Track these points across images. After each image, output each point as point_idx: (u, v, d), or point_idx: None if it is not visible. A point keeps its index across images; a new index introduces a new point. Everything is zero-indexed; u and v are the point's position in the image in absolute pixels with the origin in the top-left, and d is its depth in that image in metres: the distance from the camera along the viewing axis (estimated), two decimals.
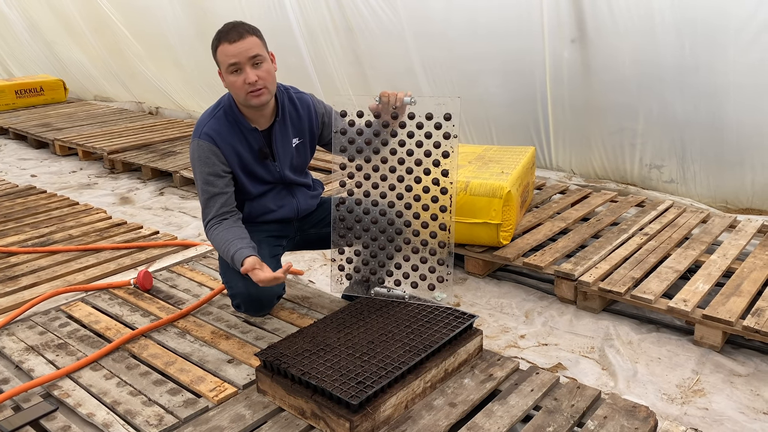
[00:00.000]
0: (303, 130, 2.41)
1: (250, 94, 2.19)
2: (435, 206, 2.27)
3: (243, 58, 2.14)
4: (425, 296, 2.36)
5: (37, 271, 3.05)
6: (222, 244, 2.23)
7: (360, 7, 4.99)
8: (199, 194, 2.33)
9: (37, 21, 8.33)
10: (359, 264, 2.38)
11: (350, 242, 2.31)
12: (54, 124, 6.68)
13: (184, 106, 7.27)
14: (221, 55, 2.17)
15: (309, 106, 2.42)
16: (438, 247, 2.29)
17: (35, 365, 2.25)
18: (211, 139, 2.27)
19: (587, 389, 2.02)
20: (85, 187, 4.96)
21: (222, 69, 2.21)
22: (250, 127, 2.32)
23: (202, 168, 2.28)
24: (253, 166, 2.34)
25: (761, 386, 2.26)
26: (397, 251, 2.34)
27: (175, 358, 2.26)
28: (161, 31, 6.75)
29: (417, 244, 2.31)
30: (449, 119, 2.14)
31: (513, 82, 4.48)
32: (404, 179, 2.24)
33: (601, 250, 3.09)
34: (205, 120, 2.31)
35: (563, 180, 4.42)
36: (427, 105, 2.17)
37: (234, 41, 2.13)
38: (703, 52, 3.63)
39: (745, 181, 3.79)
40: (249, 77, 2.15)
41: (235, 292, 2.37)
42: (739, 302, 2.54)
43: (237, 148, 2.30)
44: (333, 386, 1.83)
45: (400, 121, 2.22)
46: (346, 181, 2.26)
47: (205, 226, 2.32)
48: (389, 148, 2.23)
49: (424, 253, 2.31)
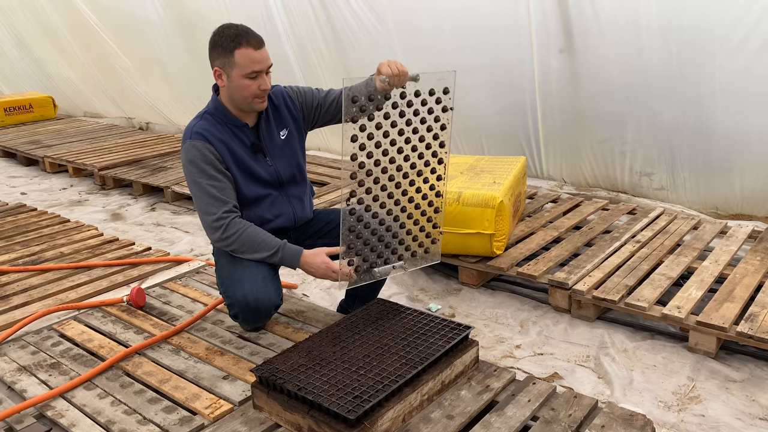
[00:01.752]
0: (285, 119, 2.43)
1: (258, 99, 2.25)
2: (433, 176, 2.33)
3: (265, 66, 2.21)
4: (421, 263, 2.40)
5: (28, 290, 3.03)
6: (255, 238, 2.24)
7: (349, 21, 5.02)
8: (202, 195, 2.25)
9: (25, 38, 8.31)
10: (367, 252, 2.30)
11: (360, 234, 2.26)
12: (43, 141, 6.66)
13: (174, 121, 7.27)
14: (244, 59, 2.16)
15: (282, 95, 2.44)
16: (433, 213, 2.37)
17: (28, 385, 2.23)
18: (202, 137, 2.26)
19: (584, 398, 2.02)
20: (76, 204, 4.93)
21: (237, 71, 2.18)
22: (241, 123, 2.32)
23: (203, 166, 2.24)
24: (248, 161, 2.33)
25: (756, 392, 2.27)
26: (401, 228, 2.33)
27: (170, 375, 2.25)
28: (151, 47, 6.75)
29: (417, 214, 2.34)
30: (447, 93, 2.27)
31: (503, 92, 4.51)
32: (409, 157, 2.26)
33: (594, 258, 3.11)
34: (194, 123, 2.32)
35: (554, 189, 4.44)
36: (428, 80, 2.24)
37: (258, 48, 2.18)
38: (690, 61, 3.67)
39: (734, 186, 3.82)
40: (265, 84, 2.22)
41: (234, 302, 2.32)
42: (732, 308, 2.55)
43: (229, 144, 2.30)
44: (330, 401, 1.82)
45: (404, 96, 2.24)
46: (356, 190, 2.22)
47: (222, 221, 2.24)
48: (396, 128, 2.20)
49: (421, 222, 2.36)
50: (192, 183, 2.29)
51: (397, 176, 2.24)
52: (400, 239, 2.33)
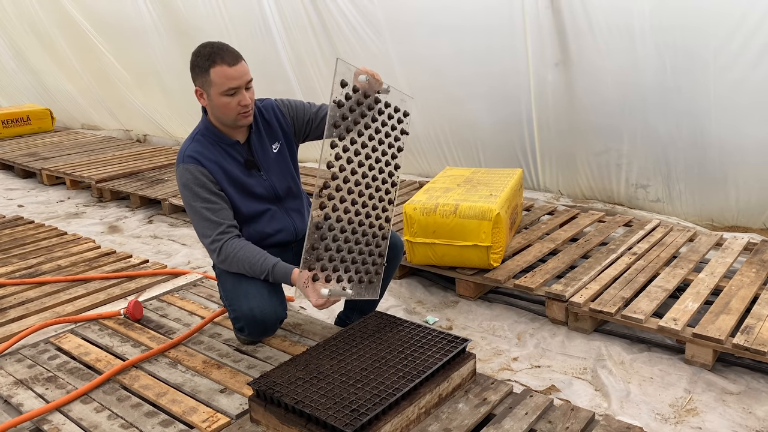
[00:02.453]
0: (276, 133, 2.43)
1: (241, 115, 2.24)
2: (386, 197, 2.33)
3: (242, 82, 2.19)
4: (363, 294, 2.29)
5: (25, 303, 3.02)
6: (250, 257, 2.22)
7: (346, 33, 5.05)
8: (198, 218, 2.28)
9: (23, 50, 8.34)
10: (349, 270, 2.25)
11: (320, 257, 2.15)
12: (41, 153, 6.67)
13: (172, 133, 7.28)
14: (218, 77, 2.16)
15: (273, 109, 2.45)
16: (381, 240, 2.34)
17: (24, 399, 2.22)
18: (195, 160, 2.27)
19: (581, 411, 2.03)
20: (73, 217, 4.93)
21: (214, 90, 2.19)
22: (232, 140, 2.33)
23: (196, 189, 2.26)
24: (242, 179, 2.34)
25: (753, 404, 2.27)
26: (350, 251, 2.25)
27: (167, 388, 2.24)
28: (149, 59, 6.78)
29: (362, 236, 2.28)
30: (407, 116, 2.36)
31: (499, 105, 4.53)
32: (366, 174, 2.25)
33: (590, 270, 3.12)
34: (186, 145, 2.33)
35: (551, 201, 4.46)
36: (393, 97, 2.30)
37: (233, 64, 2.16)
38: (684, 73, 3.70)
39: (729, 198, 3.84)
40: (245, 100, 2.21)
41: (239, 315, 2.32)
42: (728, 320, 2.56)
43: (222, 164, 2.30)
44: (327, 414, 1.82)
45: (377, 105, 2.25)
46: (334, 166, 2.13)
47: (216, 242, 2.26)
48: (365, 137, 2.21)
49: (364, 250, 2.29)
50: (188, 206, 2.32)
51: (358, 192, 2.22)
52: (352, 259, 2.25)
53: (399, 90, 2.31)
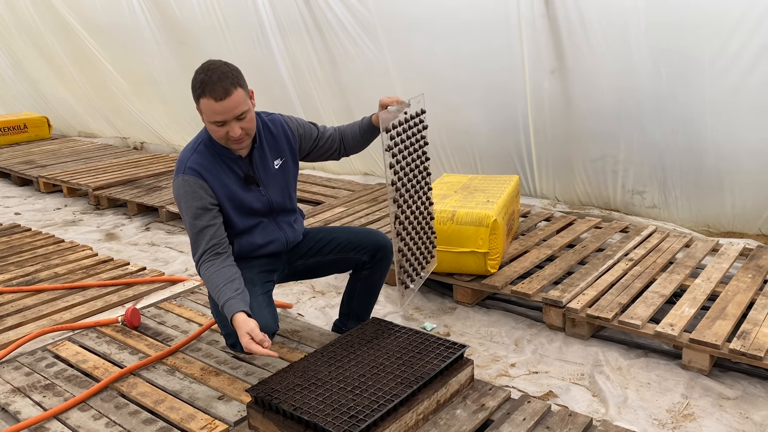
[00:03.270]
0: (282, 149, 2.43)
1: (231, 142, 2.21)
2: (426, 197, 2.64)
3: (229, 117, 2.13)
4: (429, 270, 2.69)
5: (22, 311, 3.02)
6: (213, 288, 2.18)
7: (343, 41, 5.07)
8: (188, 230, 2.29)
9: (21, 59, 8.35)
10: (413, 261, 2.53)
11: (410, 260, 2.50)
12: (38, 161, 6.67)
13: (169, 141, 7.29)
14: (206, 109, 2.14)
15: (282, 125, 2.44)
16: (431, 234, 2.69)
17: (22, 407, 2.22)
18: (196, 173, 2.26)
19: (579, 416, 2.03)
20: (70, 224, 4.93)
21: (204, 117, 2.18)
22: (235, 155, 2.32)
23: (190, 203, 2.25)
24: (240, 195, 2.33)
25: (750, 409, 2.28)
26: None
27: (165, 396, 2.24)
28: (146, 67, 6.79)
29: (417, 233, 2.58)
30: (424, 112, 2.57)
31: (495, 112, 4.55)
32: (421, 177, 2.59)
33: (587, 276, 3.12)
34: (188, 155, 2.30)
35: (548, 207, 4.47)
36: (414, 104, 2.51)
37: (220, 99, 2.09)
38: (680, 80, 3.72)
39: (725, 204, 3.86)
40: (233, 132, 2.16)
41: (230, 332, 2.30)
42: (724, 325, 2.57)
43: (223, 179, 2.30)
44: (325, 421, 1.82)
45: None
46: (397, 197, 2.35)
47: (197, 263, 2.28)
48: (416, 150, 2.51)
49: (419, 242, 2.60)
50: (182, 216, 2.31)
51: (415, 198, 2.52)
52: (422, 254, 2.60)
53: (412, 96, 2.46)
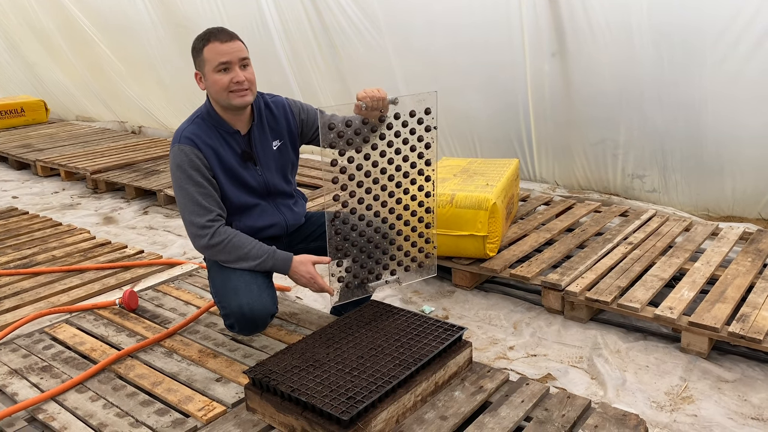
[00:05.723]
0: (281, 131, 2.41)
1: (234, 94, 2.19)
2: (420, 194, 2.40)
3: (234, 58, 2.17)
4: (416, 277, 2.49)
5: (20, 293, 3.01)
6: (243, 246, 2.21)
7: (343, 25, 5.03)
8: (188, 201, 2.23)
9: (17, 42, 8.28)
10: (357, 268, 2.37)
11: (348, 252, 2.31)
12: (35, 144, 6.63)
13: (167, 125, 7.25)
14: (210, 53, 2.16)
15: (284, 107, 2.42)
16: (424, 228, 2.44)
17: (19, 389, 2.22)
18: (191, 142, 2.23)
19: (577, 399, 2.03)
20: (68, 208, 4.91)
21: (208, 68, 2.18)
22: (232, 129, 2.30)
23: (190, 171, 2.22)
24: (237, 169, 2.30)
25: (748, 391, 2.28)
26: (390, 244, 2.40)
27: (163, 377, 2.24)
28: (144, 51, 6.74)
29: (407, 231, 2.42)
30: (429, 113, 2.28)
31: (496, 96, 4.52)
32: (393, 177, 2.34)
33: (586, 260, 3.12)
34: (184, 126, 2.29)
35: (547, 191, 4.46)
36: (407, 103, 2.28)
37: (225, 41, 2.17)
38: (681, 65, 3.70)
39: (725, 189, 3.84)
40: (238, 76, 2.18)
41: (229, 312, 2.27)
42: (723, 309, 2.57)
43: (218, 150, 2.27)
44: (323, 402, 1.82)
45: (387, 121, 2.28)
46: (339, 194, 2.27)
47: (208, 229, 2.22)
48: (378, 150, 2.28)
49: (412, 238, 2.44)
50: (178, 188, 2.26)
51: (382, 195, 2.33)
52: (390, 255, 2.42)
53: (413, 93, 2.28)
